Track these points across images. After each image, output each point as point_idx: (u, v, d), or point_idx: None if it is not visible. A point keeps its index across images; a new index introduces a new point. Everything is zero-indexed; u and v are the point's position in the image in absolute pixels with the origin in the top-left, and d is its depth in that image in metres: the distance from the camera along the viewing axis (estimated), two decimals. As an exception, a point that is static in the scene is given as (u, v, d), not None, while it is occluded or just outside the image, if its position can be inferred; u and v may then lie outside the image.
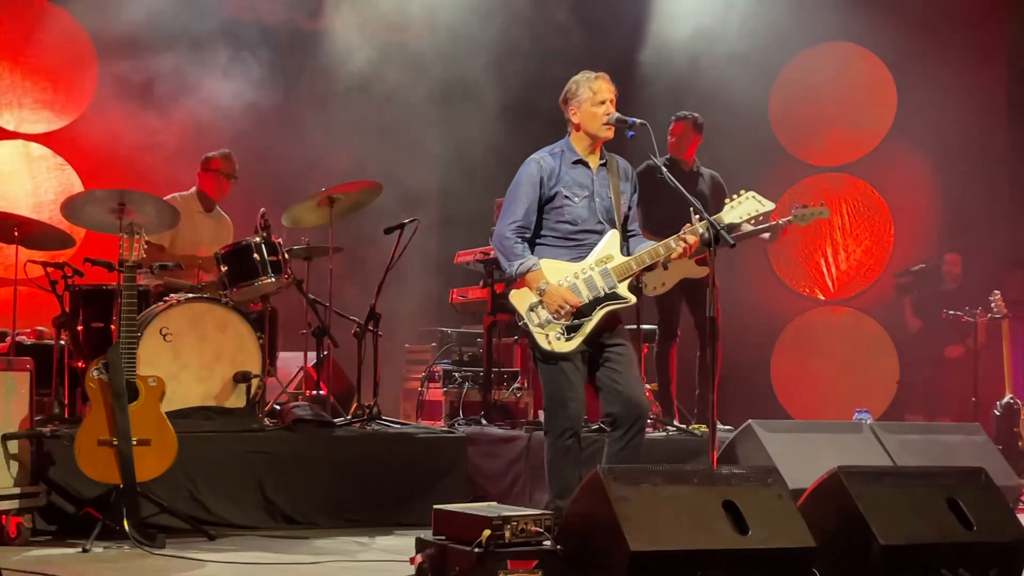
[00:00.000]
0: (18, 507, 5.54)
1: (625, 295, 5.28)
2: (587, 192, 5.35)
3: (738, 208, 5.35)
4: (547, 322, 5.22)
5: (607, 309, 5.26)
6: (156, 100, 9.40)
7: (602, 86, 5.36)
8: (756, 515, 4.38)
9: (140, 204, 6.51)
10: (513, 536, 4.39)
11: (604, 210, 5.36)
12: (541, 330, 5.23)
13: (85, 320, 6.89)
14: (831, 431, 6.87)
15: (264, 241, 6.90)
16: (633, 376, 5.33)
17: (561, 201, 5.33)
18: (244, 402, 6.64)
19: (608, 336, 5.32)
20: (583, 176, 5.38)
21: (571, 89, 5.39)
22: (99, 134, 9.47)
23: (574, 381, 5.26)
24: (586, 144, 5.41)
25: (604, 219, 5.35)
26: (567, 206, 5.33)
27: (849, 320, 10.27)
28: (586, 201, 5.34)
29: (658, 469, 4.51)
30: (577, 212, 5.33)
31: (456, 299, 8.78)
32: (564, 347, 5.23)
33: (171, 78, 9.39)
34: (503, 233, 5.35)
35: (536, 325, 5.24)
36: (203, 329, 6.61)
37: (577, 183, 5.36)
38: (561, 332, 5.21)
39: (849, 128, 10.28)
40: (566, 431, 5.28)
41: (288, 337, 8.00)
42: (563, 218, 5.34)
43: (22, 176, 9.52)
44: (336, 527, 6.38)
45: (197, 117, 9.22)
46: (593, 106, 5.33)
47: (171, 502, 5.86)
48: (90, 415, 5.53)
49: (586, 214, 5.34)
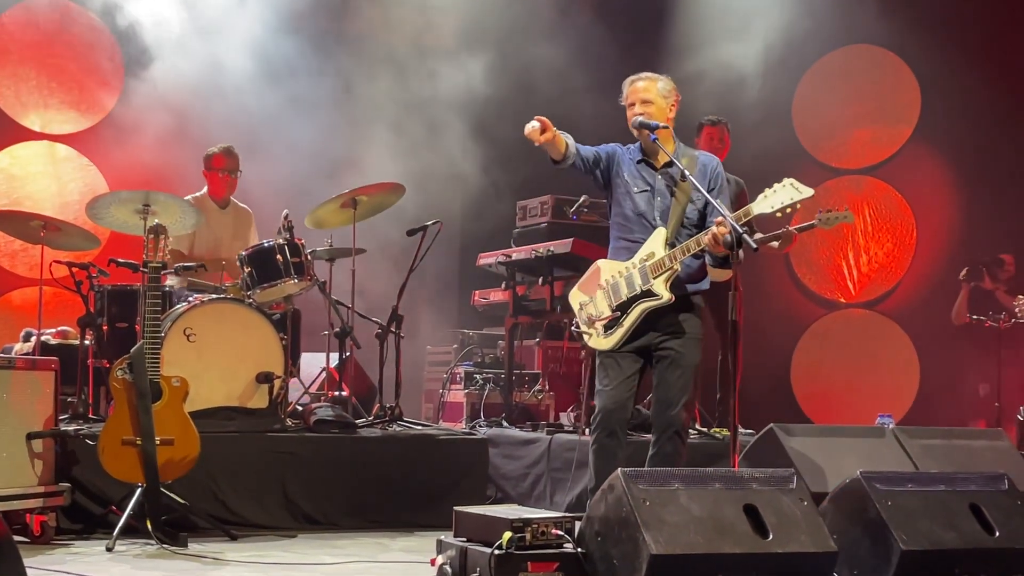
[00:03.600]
0: (42, 506, 5.59)
1: (659, 292, 5.27)
2: (648, 188, 5.42)
3: (772, 197, 5.19)
4: (590, 320, 5.42)
5: (642, 307, 5.29)
6: (181, 101, 9.44)
7: (631, 89, 5.47)
8: (777, 519, 4.38)
9: (165, 205, 6.57)
10: (534, 538, 4.40)
11: (662, 208, 5.39)
12: (587, 327, 5.42)
13: (110, 320, 6.94)
14: (853, 435, 6.82)
15: (287, 243, 6.94)
16: (673, 383, 5.34)
17: (624, 187, 5.43)
18: (267, 403, 6.68)
19: (658, 338, 5.36)
20: (647, 173, 5.45)
21: (622, 91, 5.51)
22: (124, 135, 9.53)
23: (612, 376, 5.34)
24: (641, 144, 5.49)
25: (660, 216, 5.38)
26: (626, 195, 5.43)
27: (871, 323, 10.21)
28: (646, 196, 5.41)
29: (679, 472, 4.52)
30: (635, 204, 5.41)
31: (478, 301, 8.80)
32: (603, 344, 5.37)
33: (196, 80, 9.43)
34: None
35: (584, 322, 5.45)
36: (226, 330, 6.64)
37: (640, 176, 5.44)
38: (601, 330, 5.36)
39: (872, 131, 10.23)
40: (599, 426, 5.36)
41: (311, 338, 8.04)
42: (623, 207, 5.44)
43: (48, 177, 9.59)
44: (357, 528, 6.41)
45: (221, 118, 9.25)
46: (628, 109, 5.46)
47: (194, 502, 5.90)
48: (114, 415, 5.57)
49: (643, 207, 5.40)
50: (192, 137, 8.92)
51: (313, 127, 9.90)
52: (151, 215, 6.46)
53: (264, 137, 9.35)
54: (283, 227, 7.00)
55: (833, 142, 10.39)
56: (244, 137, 8.57)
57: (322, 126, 9.92)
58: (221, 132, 8.49)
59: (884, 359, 10.08)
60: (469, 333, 9.20)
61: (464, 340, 9.16)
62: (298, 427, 6.83)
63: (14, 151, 9.52)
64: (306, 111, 9.87)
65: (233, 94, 9.46)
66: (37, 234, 6.96)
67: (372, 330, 7.58)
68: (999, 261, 9.58)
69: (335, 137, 9.96)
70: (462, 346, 9.10)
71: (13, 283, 9.36)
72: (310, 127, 9.90)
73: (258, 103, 9.57)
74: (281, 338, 6.77)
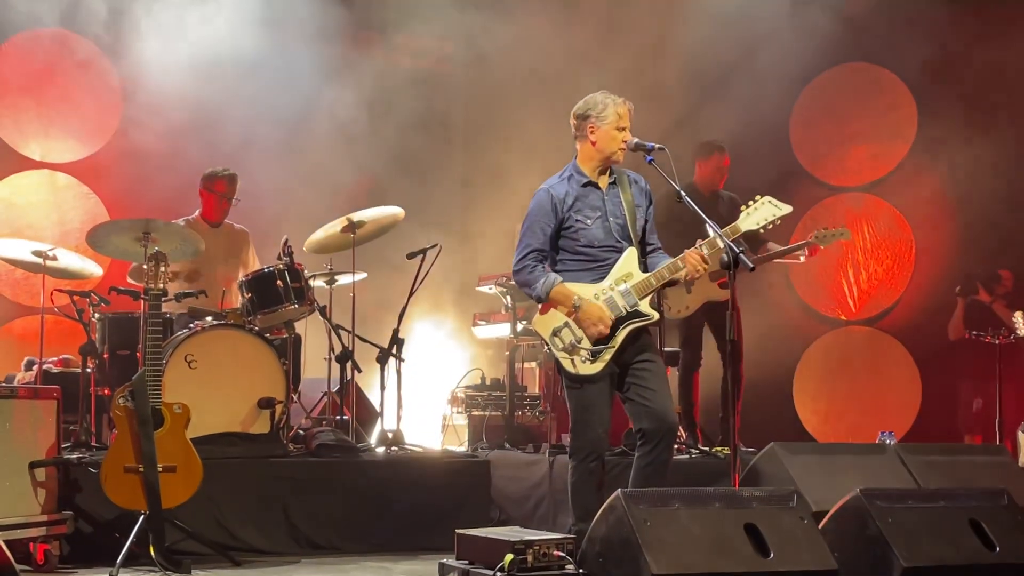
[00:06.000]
0: (45, 534, 5.59)
1: (647, 312, 5.28)
2: (599, 213, 5.37)
3: (754, 214, 5.31)
4: (571, 346, 5.23)
5: (630, 328, 5.26)
6: (181, 129, 9.46)
7: (627, 113, 5.39)
8: (778, 537, 4.39)
9: (165, 232, 6.60)
10: (535, 560, 4.42)
11: (619, 228, 5.37)
12: (566, 354, 5.25)
13: (111, 348, 6.98)
14: (854, 453, 6.85)
15: (287, 268, 6.96)
16: (662, 391, 5.30)
17: (575, 225, 5.35)
18: (268, 428, 6.69)
19: (635, 353, 5.32)
20: (594, 197, 5.39)
21: (594, 107, 5.38)
22: (124, 163, 9.54)
23: (599, 404, 5.26)
24: (595, 164, 5.42)
25: (620, 237, 5.37)
26: (582, 230, 5.35)
27: (872, 340, 10.22)
28: (600, 221, 5.36)
29: (680, 492, 4.53)
30: (592, 234, 5.35)
31: (478, 323, 8.81)
32: (589, 369, 5.23)
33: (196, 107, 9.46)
34: (519, 262, 5.38)
35: (560, 350, 5.26)
36: (227, 356, 6.67)
37: (589, 205, 5.37)
38: (586, 355, 5.22)
39: (870, 148, 10.27)
40: (590, 454, 5.27)
41: (312, 363, 8.05)
42: (580, 242, 5.36)
43: (48, 205, 9.60)
44: (360, 552, 6.41)
45: (220, 146, 9.28)
46: (615, 129, 5.36)
47: (197, 528, 5.91)
48: (116, 442, 5.58)
49: (602, 235, 5.36)
50: (192, 164, 8.93)
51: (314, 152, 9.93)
52: (151, 243, 6.49)
53: (264, 163, 9.38)
54: (283, 252, 7.03)
55: (831, 160, 10.42)
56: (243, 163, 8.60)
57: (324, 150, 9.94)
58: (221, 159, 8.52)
59: (885, 376, 10.08)
60: (471, 355, 9.21)
61: (466, 362, 9.17)
62: (300, 452, 6.85)
63: (14, 180, 9.54)
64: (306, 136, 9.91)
65: (233, 121, 9.49)
66: (38, 263, 6.98)
67: (373, 353, 7.60)
68: (996, 276, 9.60)
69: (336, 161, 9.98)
70: (464, 368, 9.11)
71: (15, 312, 9.37)
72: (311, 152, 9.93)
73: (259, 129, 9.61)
74: (282, 363, 6.79)
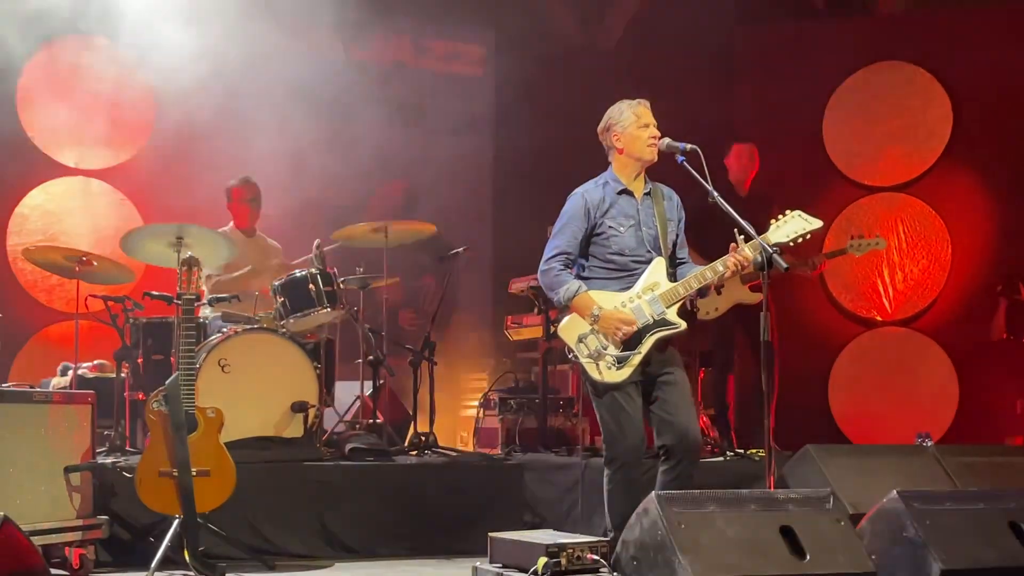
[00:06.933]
0: (81, 539, 5.61)
1: (674, 321, 5.24)
2: (633, 221, 5.34)
3: (784, 227, 5.27)
4: (597, 353, 5.18)
5: (657, 336, 5.22)
6: (213, 134, 9.50)
7: (644, 111, 5.37)
8: (814, 540, 4.35)
9: (197, 237, 6.62)
10: (569, 563, 4.41)
11: (651, 239, 5.35)
12: (591, 361, 5.20)
13: (145, 352, 7.01)
14: (891, 454, 6.77)
15: (319, 272, 6.97)
16: (685, 406, 5.25)
17: (607, 232, 5.32)
18: (302, 432, 6.70)
19: (660, 365, 5.27)
20: (628, 206, 5.37)
21: (612, 116, 5.39)
22: (158, 169, 9.59)
23: (629, 410, 5.20)
24: (631, 171, 5.39)
25: (651, 247, 5.34)
26: (613, 236, 5.32)
27: (908, 341, 10.13)
28: (632, 230, 5.33)
29: (715, 495, 4.50)
30: (624, 242, 5.32)
31: (511, 326, 8.79)
32: (615, 377, 5.18)
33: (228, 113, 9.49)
34: (546, 263, 5.35)
35: (586, 356, 5.21)
36: (261, 360, 6.68)
37: (623, 213, 5.35)
38: (612, 362, 5.17)
39: (904, 147, 10.18)
40: (625, 463, 5.22)
41: (344, 366, 8.06)
42: (610, 249, 5.33)
43: (83, 212, 9.66)
44: (394, 555, 6.41)
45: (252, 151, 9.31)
46: (637, 129, 5.33)
47: (231, 532, 5.91)
48: (150, 447, 5.60)
49: (633, 243, 5.33)
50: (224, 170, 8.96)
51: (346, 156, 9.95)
52: (184, 247, 6.53)
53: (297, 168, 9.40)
54: (315, 257, 7.04)
55: (865, 160, 10.33)
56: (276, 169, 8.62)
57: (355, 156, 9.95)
58: (253, 165, 8.55)
59: (922, 377, 9.99)
60: (503, 359, 9.19)
61: (498, 366, 9.16)
62: (333, 456, 6.85)
63: (49, 187, 9.61)
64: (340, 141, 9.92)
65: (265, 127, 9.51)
66: (72, 269, 7.02)
67: (405, 357, 7.60)
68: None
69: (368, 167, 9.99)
70: (496, 372, 9.10)
71: (50, 318, 9.43)
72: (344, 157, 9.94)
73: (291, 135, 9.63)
74: (315, 367, 6.80)
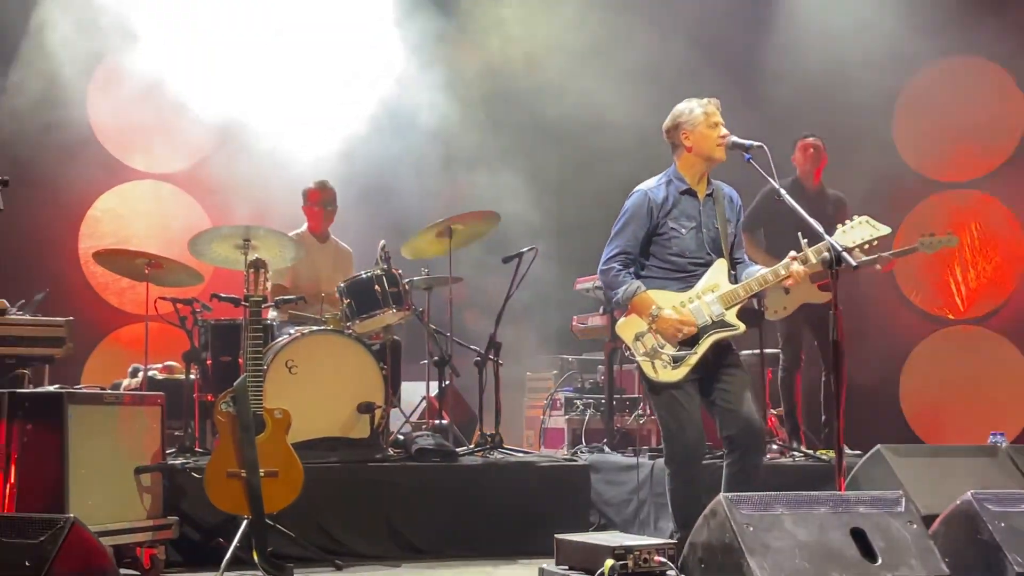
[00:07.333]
0: (151, 539, 5.67)
1: (733, 322, 5.21)
2: (694, 223, 5.32)
3: (851, 233, 5.20)
4: (653, 351, 5.18)
5: (715, 337, 5.20)
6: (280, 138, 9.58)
7: (714, 109, 5.34)
8: (885, 543, 4.28)
9: (264, 239, 6.68)
10: (636, 566, 4.37)
11: (711, 240, 5.33)
12: (648, 359, 5.19)
13: (214, 354, 7.06)
14: (964, 455, 6.66)
15: (385, 273, 6.99)
16: (747, 397, 5.23)
17: (669, 232, 5.30)
18: (368, 432, 6.73)
19: (719, 363, 5.26)
20: (691, 207, 5.34)
21: (682, 114, 5.35)
22: (226, 173, 9.70)
23: (688, 407, 5.19)
24: (697, 170, 5.37)
25: (711, 250, 5.32)
26: (675, 238, 5.30)
27: (981, 340, 9.96)
28: (693, 232, 5.31)
29: (783, 496, 4.44)
30: (685, 244, 5.30)
31: (576, 326, 8.77)
32: (671, 376, 5.17)
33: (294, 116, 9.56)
34: (606, 262, 5.34)
35: (643, 355, 5.21)
36: (327, 361, 6.72)
37: (685, 214, 5.32)
38: (668, 361, 5.16)
39: (976, 143, 10.00)
40: (686, 460, 5.21)
41: (410, 367, 8.08)
42: (671, 250, 5.30)
43: (153, 215, 9.80)
44: (461, 556, 6.41)
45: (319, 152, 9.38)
46: (708, 128, 5.30)
47: (299, 533, 5.94)
48: (219, 448, 5.65)
49: (694, 245, 5.31)
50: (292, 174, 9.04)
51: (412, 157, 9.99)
52: (251, 249, 6.58)
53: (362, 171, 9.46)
54: (380, 258, 7.06)
55: (936, 156, 10.17)
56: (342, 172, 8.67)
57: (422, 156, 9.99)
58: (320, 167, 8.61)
59: (995, 376, 9.82)
60: (568, 358, 9.18)
61: (564, 366, 9.14)
62: (400, 456, 6.86)
63: (121, 191, 9.77)
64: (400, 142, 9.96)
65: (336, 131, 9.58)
66: (142, 271, 7.11)
67: (471, 357, 7.60)
68: None
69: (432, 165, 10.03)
70: (562, 372, 9.08)
71: (121, 320, 9.58)
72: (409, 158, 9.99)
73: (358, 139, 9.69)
74: (381, 368, 6.82)
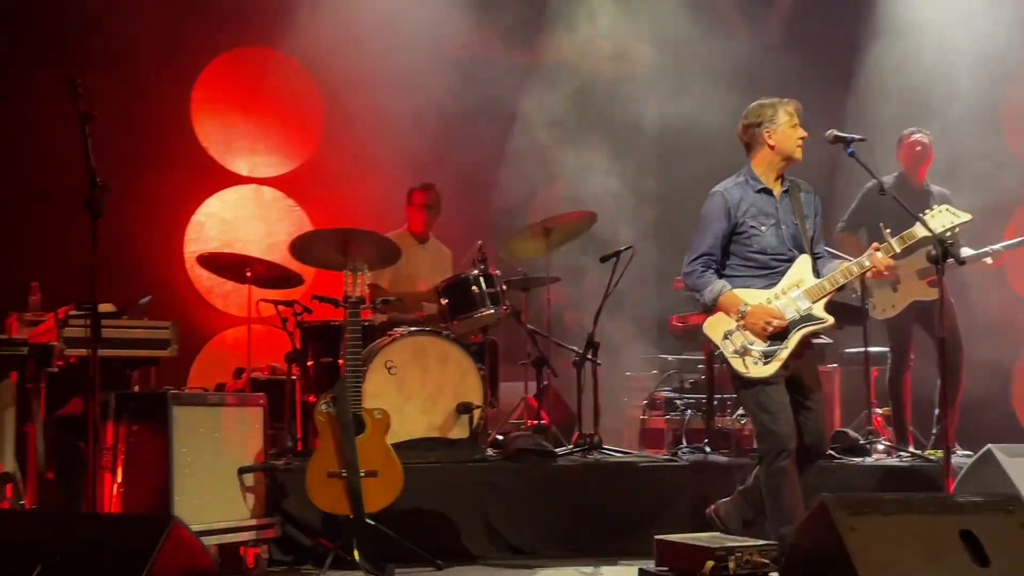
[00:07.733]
0: (255, 538, 5.76)
1: (821, 315, 5.26)
2: (773, 220, 5.38)
3: (933, 221, 5.23)
4: (743, 348, 5.23)
5: (804, 331, 5.24)
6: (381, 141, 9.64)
7: (795, 110, 5.42)
8: (997, 546, 4.16)
9: (363, 241, 6.72)
10: (738, 567, 4.33)
11: (791, 237, 5.39)
12: (738, 356, 5.25)
13: (314, 355, 7.14)
14: (1080, 455, 6.46)
15: (482, 273, 7.00)
16: (820, 413, 5.38)
17: (748, 231, 5.37)
18: (467, 433, 6.75)
19: (799, 368, 5.31)
20: (767, 204, 5.41)
21: (764, 113, 5.43)
22: (327, 176, 9.80)
23: (779, 401, 5.24)
24: (775, 169, 5.43)
25: (792, 246, 5.37)
26: (755, 236, 5.36)
27: (1097, 336, 9.67)
28: (773, 229, 5.37)
29: (890, 497, 4.35)
30: (765, 241, 5.36)
31: (676, 325, 8.69)
32: (762, 372, 5.24)
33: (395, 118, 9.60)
34: (688, 265, 5.44)
35: (732, 352, 5.27)
36: (426, 362, 6.75)
37: (763, 212, 5.39)
38: (759, 357, 5.22)
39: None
40: (779, 453, 5.24)
41: (508, 368, 8.08)
42: (752, 248, 5.37)
43: (256, 219, 9.93)
44: (561, 557, 6.38)
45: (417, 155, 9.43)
46: (791, 128, 5.39)
47: (399, 532, 5.96)
48: (319, 448, 5.70)
49: (775, 242, 5.37)
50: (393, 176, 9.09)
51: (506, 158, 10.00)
52: (351, 251, 6.63)
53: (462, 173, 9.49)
54: (477, 258, 7.07)
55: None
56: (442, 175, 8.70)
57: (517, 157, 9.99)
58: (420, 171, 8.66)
59: (1113, 374, 9.52)
60: (668, 358, 9.09)
61: (663, 365, 9.06)
62: (499, 457, 6.86)
63: (224, 195, 9.91)
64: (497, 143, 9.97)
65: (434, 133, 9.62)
66: (244, 274, 7.20)
67: (569, 357, 7.58)
68: None
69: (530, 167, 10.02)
70: (661, 371, 9.00)
71: (225, 322, 9.72)
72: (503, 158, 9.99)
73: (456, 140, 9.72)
74: (479, 368, 6.83)
